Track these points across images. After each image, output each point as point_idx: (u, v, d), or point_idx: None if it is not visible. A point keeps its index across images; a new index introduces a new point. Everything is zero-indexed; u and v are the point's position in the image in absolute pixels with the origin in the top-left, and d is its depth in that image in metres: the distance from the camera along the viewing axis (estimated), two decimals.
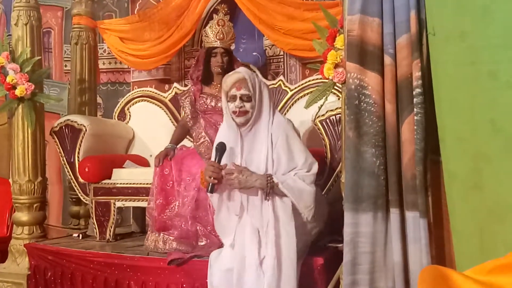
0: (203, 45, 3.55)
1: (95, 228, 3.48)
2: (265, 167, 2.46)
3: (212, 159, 2.52)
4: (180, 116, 3.92)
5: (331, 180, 2.94)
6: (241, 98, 2.48)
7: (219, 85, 3.43)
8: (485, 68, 1.79)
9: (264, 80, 3.62)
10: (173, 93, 4.00)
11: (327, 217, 2.72)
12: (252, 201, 2.43)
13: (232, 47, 3.56)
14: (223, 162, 2.48)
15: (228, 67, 3.38)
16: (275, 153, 2.47)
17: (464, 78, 1.85)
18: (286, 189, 2.37)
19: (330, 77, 2.36)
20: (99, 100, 4.59)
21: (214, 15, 3.44)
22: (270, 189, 2.36)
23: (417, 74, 1.99)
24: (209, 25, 3.40)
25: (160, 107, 4.05)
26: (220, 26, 3.35)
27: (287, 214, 2.38)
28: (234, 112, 2.49)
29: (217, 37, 3.33)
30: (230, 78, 2.53)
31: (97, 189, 3.47)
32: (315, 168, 2.48)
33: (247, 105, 2.48)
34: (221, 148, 2.48)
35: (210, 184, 2.41)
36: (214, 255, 2.56)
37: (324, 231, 2.75)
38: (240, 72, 2.57)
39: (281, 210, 2.39)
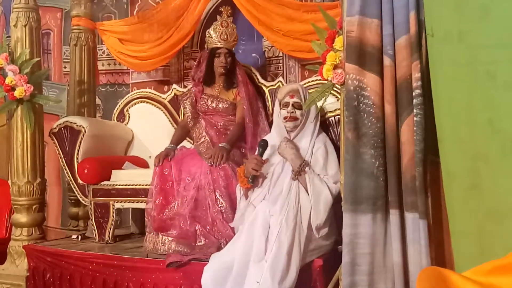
0: (206, 46, 3.56)
1: (94, 229, 3.48)
2: None
3: (256, 153, 2.77)
4: (179, 117, 3.92)
5: None
6: (293, 105, 2.77)
7: (220, 86, 3.44)
8: (483, 69, 1.78)
9: (264, 82, 3.66)
10: (172, 95, 4.00)
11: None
12: (277, 189, 2.66)
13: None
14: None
15: (231, 68, 3.39)
16: (313, 158, 2.71)
17: (462, 78, 1.84)
18: (310, 182, 2.59)
19: (329, 78, 2.37)
20: (98, 101, 4.58)
21: (218, 17, 3.45)
22: (299, 172, 2.60)
23: (416, 75, 1.99)
24: (213, 26, 3.42)
25: (159, 109, 4.04)
26: (224, 27, 3.38)
27: (307, 211, 2.56)
28: (285, 118, 2.77)
29: (221, 38, 3.35)
30: (286, 88, 2.89)
31: (96, 191, 3.47)
32: None
33: (298, 113, 2.76)
34: (264, 144, 2.77)
35: (252, 175, 2.68)
36: (214, 255, 2.60)
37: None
38: (295, 83, 3.07)
39: (303, 202, 2.57)
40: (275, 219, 2.48)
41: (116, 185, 3.43)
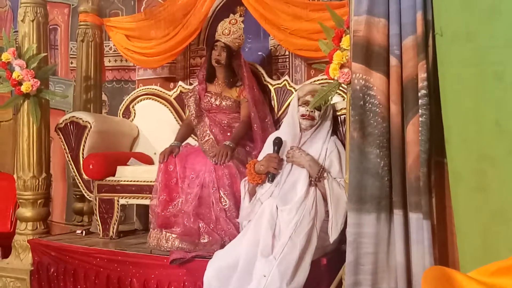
0: None
1: (99, 225, 3.49)
2: None
3: (271, 151, 2.80)
4: (184, 114, 3.93)
5: None
6: None
7: (223, 84, 3.44)
8: (491, 69, 1.78)
9: (270, 80, 3.66)
10: (178, 92, 4.00)
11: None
12: (287, 187, 2.64)
13: None
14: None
15: (228, 62, 3.38)
16: (328, 161, 2.73)
17: (469, 79, 1.83)
18: (329, 188, 2.57)
19: (336, 78, 2.37)
20: (104, 97, 4.60)
21: (231, 14, 3.47)
22: (318, 178, 2.60)
23: (422, 75, 1.99)
24: (221, 21, 3.43)
25: (165, 105, 4.05)
26: (230, 24, 3.39)
27: (322, 216, 2.57)
28: (302, 116, 2.81)
29: (223, 33, 3.37)
30: (308, 87, 2.94)
31: (101, 186, 3.49)
32: None
33: (316, 113, 2.81)
34: (279, 142, 2.79)
35: (272, 174, 2.70)
36: (217, 252, 2.61)
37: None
38: (316, 85, 3.10)
39: (320, 208, 2.56)
40: (286, 216, 2.48)
41: (121, 181, 3.44)
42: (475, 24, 1.82)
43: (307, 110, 2.79)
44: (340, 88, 2.58)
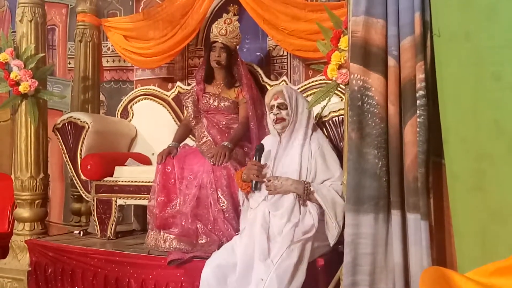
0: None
1: (96, 225, 3.48)
2: (298, 174, 2.62)
3: (253, 159, 2.74)
4: (182, 115, 3.92)
5: None
6: (278, 107, 2.75)
7: (221, 84, 3.44)
8: (489, 69, 1.78)
9: (268, 81, 3.66)
10: (176, 92, 4.00)
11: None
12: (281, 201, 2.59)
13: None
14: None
15: (227, 63, 3.38)
16: (312, 160, 2.66)
17: (468, 78, 1.84)
18: (320, 197, 2.52)
19: (334, 78, 2.37)
20: (102, 97, 4.59)
21: (224, 14, 3.47)
22: (307, 195, 2.55)
23: (420, 76, 1.99)
24: (216, 22, 3.42)
25: (163, 106, 4.05)
26: (226, 24, 3.39)
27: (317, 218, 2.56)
28: (273, 121, 2.77)
29: (219, 33, 3.37)
30: (271, 92, 2.88)
31: (98, 187, 3.48)
32: None
33: (283, 113, 2.74)
34: (260, 148, 2.74)
35: (255, 182, 2.65)
36: (215, 252, 2.60)
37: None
38: (279, 85, 3.10)
39: (313, 211, 2.56)
40: (279, 221, 2.48)
41: (119, 181, 3.43)
42: (473, 24, 1.83)
43: (274, 114, 2.74)
44: (338, 88, 2.58)
